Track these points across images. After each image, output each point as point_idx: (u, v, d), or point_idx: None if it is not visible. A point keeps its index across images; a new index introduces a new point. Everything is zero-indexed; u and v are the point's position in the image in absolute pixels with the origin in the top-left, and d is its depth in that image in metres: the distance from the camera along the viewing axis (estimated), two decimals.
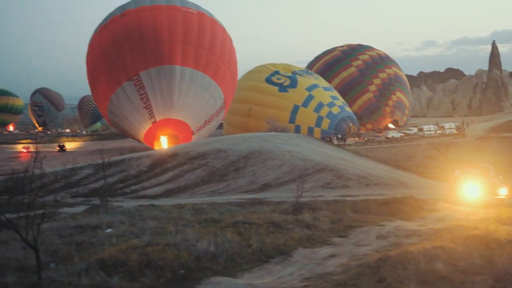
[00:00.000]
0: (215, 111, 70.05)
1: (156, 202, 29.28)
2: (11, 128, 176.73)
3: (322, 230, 17.56)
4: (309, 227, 17.69)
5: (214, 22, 70.44)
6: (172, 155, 45.19)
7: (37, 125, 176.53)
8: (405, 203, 22.69)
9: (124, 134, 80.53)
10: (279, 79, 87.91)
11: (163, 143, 65.10)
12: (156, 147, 64.46)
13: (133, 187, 38.11)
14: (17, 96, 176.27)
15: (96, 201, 29.42)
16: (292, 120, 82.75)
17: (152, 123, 65.88)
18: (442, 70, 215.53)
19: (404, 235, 16.67)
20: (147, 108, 65.15)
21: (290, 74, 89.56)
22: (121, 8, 69.01)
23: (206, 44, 66.83)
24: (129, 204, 27.85)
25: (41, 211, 13.04)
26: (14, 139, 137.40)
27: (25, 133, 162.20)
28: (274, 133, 58.33)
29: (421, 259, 11.80)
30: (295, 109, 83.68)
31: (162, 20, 65.63)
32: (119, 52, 65.49)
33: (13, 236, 14.71)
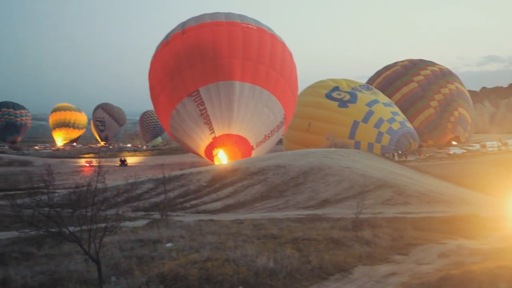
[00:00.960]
0: (275, 126, 70.04)
1: (215, 217, 29.37)
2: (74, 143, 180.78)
3: (382, 248, 17.30)
4: (369, 244, 17.47)
5: (274, 38, 70.57)
6: (232, 171, 45.38)
7: (99, 139, 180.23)
8: (468, 221, 22.09)
9: (185, 148, 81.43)
10: (339, 94, 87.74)
11: (223, 159, 65.43)
12: (216, 162, 64.85)
13: (193, 202, 38.36)
14: (80, 111, 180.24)
15: (156, 215, 29.75)
16: (352, 135, 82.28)
17: (213, 138, 66.26)
18: (505, 85, 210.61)
19: (467, 253, 16.23)
20: (208, 124, 65.59)
21: (350, 90, 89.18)
22: (182, 25, 69.99)
23: (266, 60, 66.98)
24: (189, 218, 28.03)
25: (103, 225, 13.26)
26: (77, 154, 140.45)
27: (87, 148, 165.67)
28: (333, 149, 58.05)
29: (485, 279, 11.49)
30: (355, 124, 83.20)
31: (222, 36, 66.17)
32: (179, 68, 66.30)
33: (76, 249, 15.01)
